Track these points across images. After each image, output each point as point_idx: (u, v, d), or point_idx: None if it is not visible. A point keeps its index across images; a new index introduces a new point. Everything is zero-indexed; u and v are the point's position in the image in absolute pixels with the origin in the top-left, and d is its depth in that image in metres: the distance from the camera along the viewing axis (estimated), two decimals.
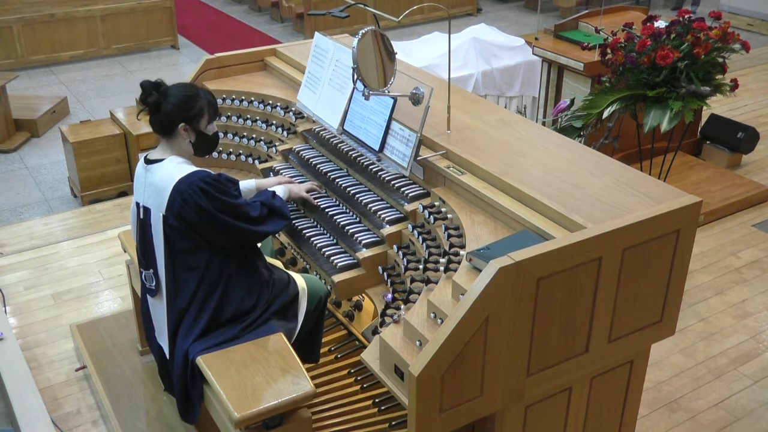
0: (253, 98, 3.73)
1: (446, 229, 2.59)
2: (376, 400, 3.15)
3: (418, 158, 2.83)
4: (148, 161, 2.79)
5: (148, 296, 2.93)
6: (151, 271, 2.83)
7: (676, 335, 3.65)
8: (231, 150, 3.67)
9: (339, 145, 3.27)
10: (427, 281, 2.44)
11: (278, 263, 3.08)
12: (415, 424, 2.12)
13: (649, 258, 2.35)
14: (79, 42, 9.09)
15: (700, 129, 6.05)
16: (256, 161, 3.57)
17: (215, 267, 2.75)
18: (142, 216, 2.81)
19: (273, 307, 2.88)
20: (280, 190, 3.02)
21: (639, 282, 2.37)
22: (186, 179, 2.67)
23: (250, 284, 2.82)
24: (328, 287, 2.92)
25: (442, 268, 2.44)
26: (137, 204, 2.83)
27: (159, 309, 2.87)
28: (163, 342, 2.89)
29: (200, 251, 2.73)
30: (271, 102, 3.68)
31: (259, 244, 3.05)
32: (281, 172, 3.38)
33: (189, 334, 2.77)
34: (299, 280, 2.98)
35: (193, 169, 2.72)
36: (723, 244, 4.85)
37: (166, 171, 2.71)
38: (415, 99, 2.78)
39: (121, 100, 7.79)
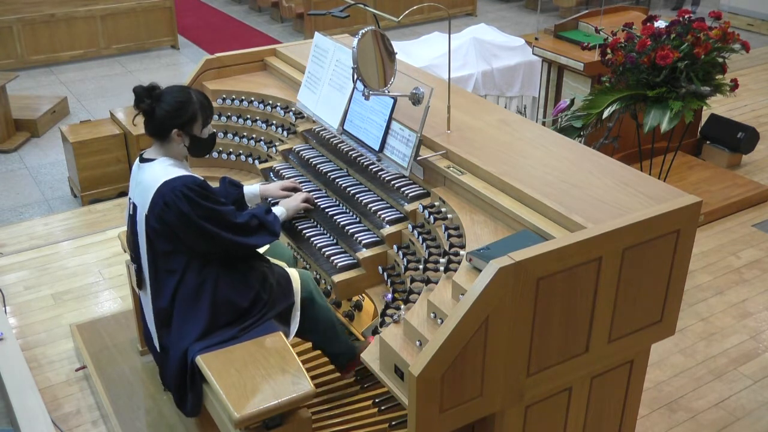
0: (253, 98, 3.73)
1: (446, 229, 2.59)
2: (376, 400, 3.15)
3: (418, 158, 2.83)
4: (142, 159, 2.83)
5: (138, 289, 2.99)
6: (136, 266, 2.89)
7: (676, 335, 3.66)
8: (231, 150, 3.67)
9: (339, 145, 3.27)
10: (427, 281, 2.44)
11: (283, 264, 3.08)
12: (415, 424, 2.12)
13: (649, 258, 2.35)
14: (79, 42, 9.09)
15: (700, 129, 6.05)
16: (256, 161, 3.57)
17: (194, 271, 2.77)
18: (131, 212, 2.87)
19: (272, 311, 2.89)
20: (278, 212, 2.99)
21: (639, 282, 2.37)
22: (170, 183, 2.68)
23: (241, 285, 2.82)
24: (328, 287, 2.92)
25: (442, 268, 2.44)
26: (129, 199, 2.89)
27: (146, 302, 2.93)
28: (153, 335, 2.94)
29: (179, 255, 2.76)
30: (271, 102, 3.68)
31: (264, 249, 3.05)
32: (281, 172, 3.38)
33: (186, 334, 2.77)
34: (296, 283, 2.98)
35: (180, 173, 2.73)
36: (723, 244, 4.85)
37: (154, 172, 2.75)
38: (415, 99, 2.78)
39: (121, 100, 7.79)
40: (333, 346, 3.10)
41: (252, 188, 3.19)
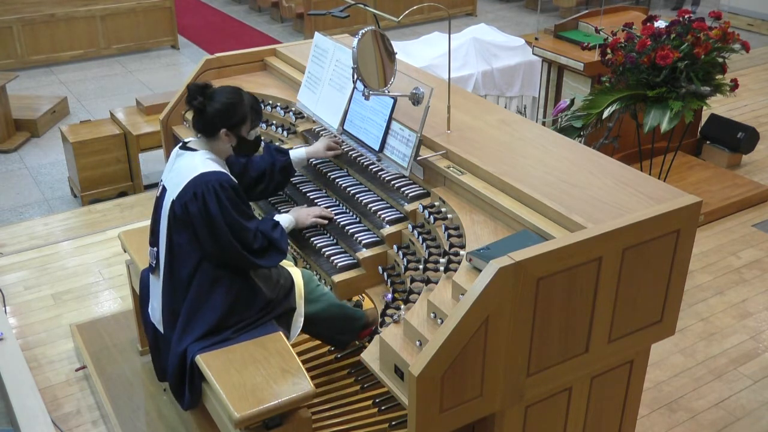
0: None
1: (446, 229, 2.59)
2: (376, 400, 3.15)
3: (418, 158, 2.83)
4: (184, 147, 2.85)
5: (150, 273, 2.98)
6: (155, 249, 2.89)
7: (676, 335, 3.65)
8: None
9: (340, 144, 3.27)
10: (427, 281, 2.44)
11: (289, 264, 3.09)
12: (415, 424, 2.12)
13: (649, 258, 2.35)
14: (79, 42, 9.09)
15: (700, 129, 6.05)
16: None
17: (209, 268, 2.76)
18: (159, 193, 2.88)
19: (273, 313, 2.89)
20: (285, 221, 2.94)
21: (639, 282, 2.37)
22: (206, 176, 2.70)
23: (253, 287, 2.83)
24: (329, 288, 2.92)
25: (442, 268, 2.44)
26: (160, 181, 2.91)
27: (156, 287, 2.92)
28: (156, 320, 2.94)
29: (195, 248, 2.75)
30: (271, 102, 3.68)
31: None
32: None
33: (188, 333, 2.77)
34: (299, 288, 2.98)
35: (218, 169, 2.75)
36: (723, 244, 4.85)
37: (193, 162, 2.76)
38: (415, 99, 2.78)
39: (121, 100, 7.79)
40: (340, 338, 3.16)
41: (298, 153, 3.19)
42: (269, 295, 2.86)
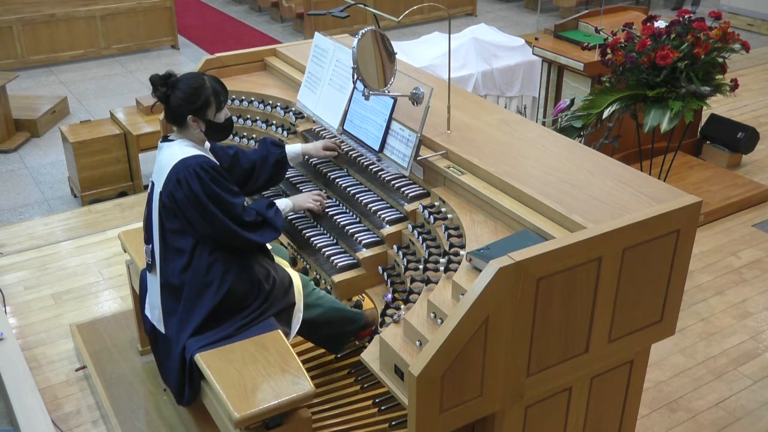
0: (253, 98, 3.73)
1: (446, 229, 2.59)
2: (376, 400, 3.15)
3: (418, 158, 2.83)
4: (165, 140, 2.88)
5: (147, 272, 2.99)
6: (150, 246, 2.90)
7: (676, 335, 3.65)
8: None
9: (339, 145, 3.27)
10: (427, 281, 2.44)
11: (285, 264, 3.08)
12: (415, 424, 2.12)
13: (649, 258, 2.35)
14: (79, 42, 9.09)
15: (700, 129, 6.05)
16: None
17: (204, 253, 2.77)
18: (149, 190, 2.91)
19: (272, 309, 2.88)
20: (282, 204, 2.98)
21: (639, 282, 2.37)
22: (186, 161, 2.73)
23: (248, 276, 2.82)
24: (329, 287, 2.92)
25: (442, 268, 2.44)
26: (150, 178, 2.93)
27: (154, 284, 2.93)
28: (156, 320, 2.94)
29: (187, 234, 2.78)
30: (271, 102, 3.69)
31: (269, 246, 3.06)
32: None
33: (185, 326, 2.78)
34: (297, 284, 2.98)
35: (196, 152, 2.77)
36: (723, 244, 4.85)
37: (172, 151, 2.80)
38: (415, 99, 2.78)
39: (121, 100, 7.79)
40: (340, 340, 3.14)
41: (294, 147, 3.22)
42: (267, 286, 2.85)
